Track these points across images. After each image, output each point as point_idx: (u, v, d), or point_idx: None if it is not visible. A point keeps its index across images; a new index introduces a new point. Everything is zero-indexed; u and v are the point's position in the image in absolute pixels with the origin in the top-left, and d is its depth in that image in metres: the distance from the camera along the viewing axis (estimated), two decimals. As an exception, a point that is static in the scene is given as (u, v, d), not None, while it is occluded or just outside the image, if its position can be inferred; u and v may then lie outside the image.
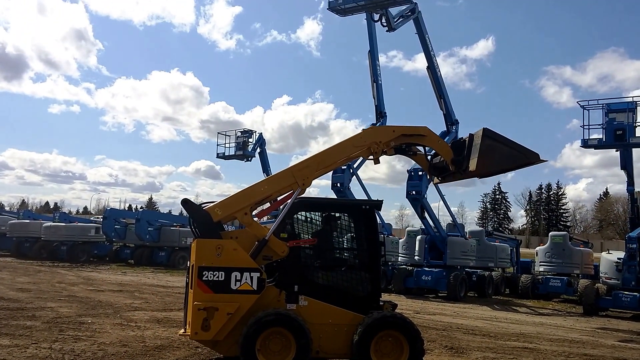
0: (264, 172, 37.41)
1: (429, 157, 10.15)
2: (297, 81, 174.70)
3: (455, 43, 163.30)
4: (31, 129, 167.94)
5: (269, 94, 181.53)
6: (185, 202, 8.91)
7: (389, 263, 25.29)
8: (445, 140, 23.64)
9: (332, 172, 23.85)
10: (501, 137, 9.42)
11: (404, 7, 23.23)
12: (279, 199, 9.21)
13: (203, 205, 8.99)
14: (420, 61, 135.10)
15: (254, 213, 9.09)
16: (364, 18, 23.84)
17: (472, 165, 9.22)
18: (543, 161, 9.81)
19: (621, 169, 19.98)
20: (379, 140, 9.37)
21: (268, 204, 9.38)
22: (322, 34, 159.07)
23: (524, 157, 9.66)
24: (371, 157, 9.48)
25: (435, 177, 10.51)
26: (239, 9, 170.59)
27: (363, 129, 9.70)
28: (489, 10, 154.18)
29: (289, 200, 8.92)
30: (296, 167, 9.14)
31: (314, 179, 9.17)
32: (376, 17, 23.34)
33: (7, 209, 74.20)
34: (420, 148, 10.03)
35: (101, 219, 36.33)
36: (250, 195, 8.94)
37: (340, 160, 9.67)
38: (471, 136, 9.50)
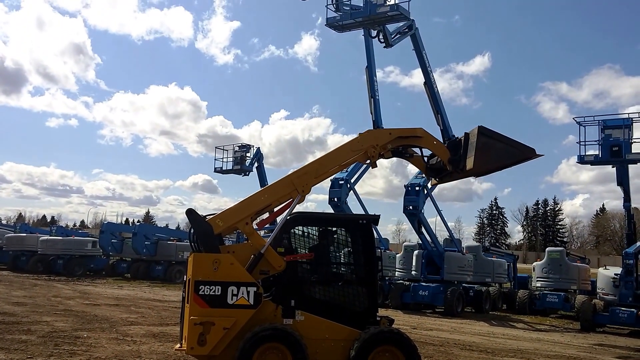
0: (261, 187, 37.39)
1: (425, 159, 10.15)
2: (294, 96, 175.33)
3: (452, 59, 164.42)
4: (29, 142, 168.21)
5: (266, 109, 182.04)
6: (190, 212, 8.83)
7: (386, 278, 25.26)
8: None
9: (329, 187, 23.95)
10: (497, 134, 9.43)
11: (401, 23, 23.37)
12: (277, 208, 9.22)
13: (206, 217, 8.97)
14: (417, 77, 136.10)
15: (254, 223, 9.10)
16: (361, 34, 24.00)
17: (470, 163, 9.24)
18: (539, 156, 9.79)
19: (617, 185, 20.02)
20: (376, 143, 9.41)
21: (267, 214, 9.39)
22: (320, 49, 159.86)
23: (520, 153, 9.66)
24: (368, 161, 9.49)
25: (433, 178, 10.52)
26: (237, 24, 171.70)
27: (360, 133, 9.69)
28: (485, 26, 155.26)
29: (287, 211, 8.93)
30: (295, 174, 9.15)
31: (313, 186, 9.18)
32: (374, 33, 23.47)
33: (4, 222, 73.84)
34: (417, 150, 10.05)
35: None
36: (251, 205, 8.94)
37: (339, 166, 9.64)
38: (467, 135, 9.52)
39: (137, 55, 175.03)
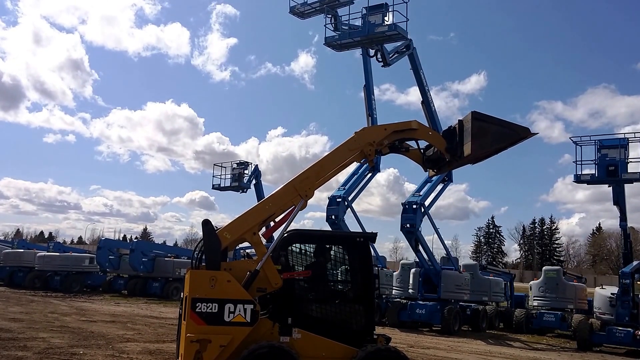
0: (259, 204, 37.42)
1: (422, 151, 10.20)
2: (291, 113, 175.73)
3: (448, 77, 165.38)
4: (27, 158, 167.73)
5: (263, 126, 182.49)
6: (207, 223, 8.70)
7: (383, 296, 25.23)
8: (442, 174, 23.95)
9: (327, 204, 23.99)
10: (490, 117, 9.50)
11: (399, 43, 23.61)
12: (281, 217, 9.21)
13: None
14: (413, 94, 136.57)
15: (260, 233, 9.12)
16: (358, 52, 24.23)
17: (467, 149, 9.30)
18: (534, 134, 9.83)
19: (614, 204, 20.13)
20: (373, 140, 9.45)
21: (272, 223, 9.40)
22: (316, 67, 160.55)
23: (515, 134, 9.70)
24: (366, 160, 9.53)
25: (431, 170, 10.57)
26: (234, 41, 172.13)
27: (355, 132, 9.66)
28: (481, 44, 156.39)
29: (291, 215, 8.96)
30: (297, 179, 9.16)
31: (315, 189, 9.20)
32: (372, 52, 23.72)
33: (1, 238, 73.82)
34: (413, 144, 10.10)
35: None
36: (256, 215, 8.95)
37: (338, 167, 9.62)
38: (460, 122, 9.59)
39: (134, 71, 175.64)
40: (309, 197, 9.04)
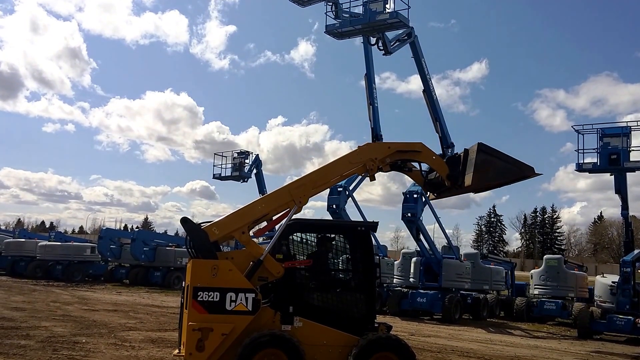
0: (260, 193, 37.43)
1: (424, 173, 10.18)
2: (291, 102, 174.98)
3: (449, 66, 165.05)
4: (26, 147, 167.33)
5: (263, 115, 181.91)
6: (185, 221, 8.89)
7: (384, 285, 25.28)
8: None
9: (328, 194, 23.99)
10: (496, 151, 9.48)
11: (400, 31, 23.47)
12: (275, 217, 9.27)
13: (201, 225, 9.02)
14: (414, 83, 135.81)
15: (251, 232, 9.14)
16: (358, 40, 24.08)
17: (468, 180, 9.28)
18: (538, 174, 9.86)
19: (615, 193, 20.09)
20: (375, 156, 9.43)
21: (265, 223, 9.44)
22: (316, 55, 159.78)
23: (519, 171, 9.71)
24: (366, 173, 9.52)
25: (431, 193, 10.56)
26: (233, 29, 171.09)
27: (359, 146, 9.72)
28: (482, 32, 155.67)
29: (285, 220, 8.97)
30: (293, 185, 9.20)
31: (310, 197, 9.20)
32: (373, 40, 23.57)
33: (3, 227, 73.81)
34: (416, 164, 10.08)
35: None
36: (247, 214, 8.98)
37: (337, 178, 9.69)
38: (466, 151, 9.57)
39: (132, 60, 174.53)
40: (302, 203, 9.02)
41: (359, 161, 9.41)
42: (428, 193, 10.76)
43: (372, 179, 9.65)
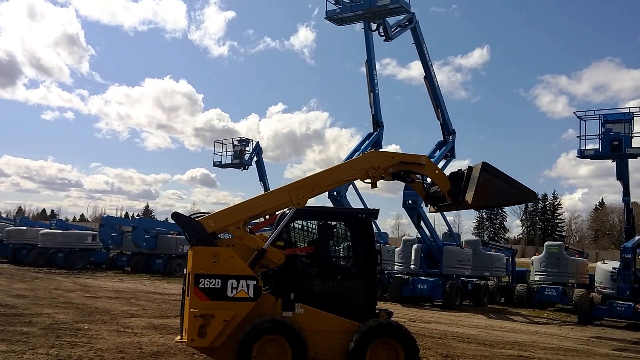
0: (260, 181, 37.56)
1: (426, 186, 10.16)
2: (291, 89, 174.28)
3: (450, 52, 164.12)
4: (26, 135, 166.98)
5: (263, 102, 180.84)
6: (176, 216, 8.89)
7: (385, 272, 25.36)
8: (442, 150, 23.89)
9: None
10: (500, 172, 9.50)
11: (401, 16, 23.34)
12: (272, 216, 9.28)
13: (196, 216, 9.00)
14: (415, 69, 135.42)
15: (248, 226, 9.16)
16: (359, 26, 23.96)
17: (469, 198, 9.30)
18: (538, 199, 9.92)
19: (617, 179, 20.05)
20: (378, 165, 9.36)
21: (262, 219, 9.44)
22: (316, 41, 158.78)
23: (520, 195, 9.77)
24: (368, 180, 9.43)
25: (431, 206, 10.57)
26: (232, 15, 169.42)
27: (363, 153, 9.72)
28: (484, 18, 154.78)
29: (284, 220, 8.96)
30: (292, 185, 9.16)
31: (309, 199, 9.15)
32: (374, 26, 23.43)
33: (4, 215, 74.05)
34: (419, 176, 10.04)
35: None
36: (244, 210, 8.97)
37: (337, 182, 9.67)
38: (470, 169, 9.58)
39: (130, 47, 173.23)
40: (300, 205, 8.97)
41: (361, 168, 9.35)
42: (428, 205, 10.75)
43: (374, 186, 9.59)
